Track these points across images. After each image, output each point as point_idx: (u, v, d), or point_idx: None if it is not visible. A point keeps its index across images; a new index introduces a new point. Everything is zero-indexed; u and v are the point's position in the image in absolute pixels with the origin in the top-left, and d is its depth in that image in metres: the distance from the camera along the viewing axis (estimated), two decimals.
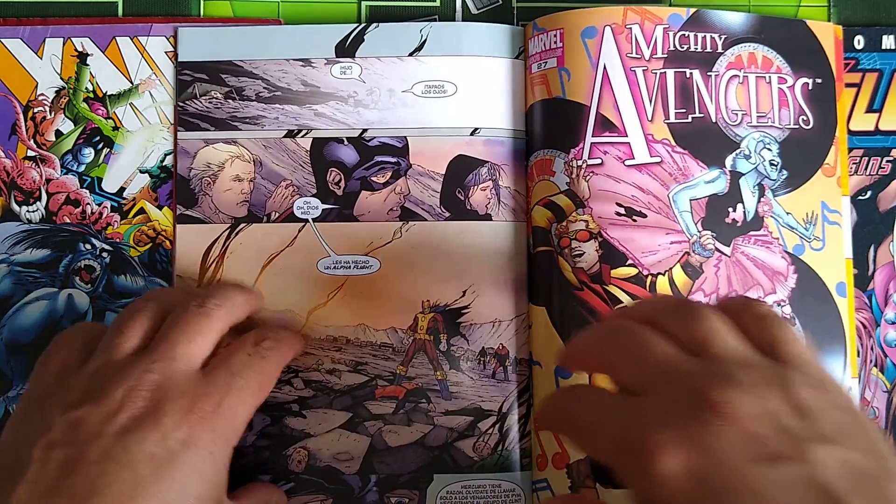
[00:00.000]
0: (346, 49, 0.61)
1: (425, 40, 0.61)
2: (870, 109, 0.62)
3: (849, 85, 0.62)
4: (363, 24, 0.61)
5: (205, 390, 0.45)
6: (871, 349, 0.61)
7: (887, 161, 0.62)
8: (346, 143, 0.60)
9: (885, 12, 0.64)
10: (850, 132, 0.62)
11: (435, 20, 0.63)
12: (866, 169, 0.62)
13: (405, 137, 0.60)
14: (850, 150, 0.62)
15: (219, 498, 0.45)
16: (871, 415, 0.60)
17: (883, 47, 0.63)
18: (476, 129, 0.60)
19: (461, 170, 0.60)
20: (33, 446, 0.42)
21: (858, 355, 0.60)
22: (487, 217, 0.59)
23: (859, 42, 0.63)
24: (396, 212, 0.60)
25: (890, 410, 0.60)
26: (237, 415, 0.46)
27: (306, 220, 0.59)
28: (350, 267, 0.59)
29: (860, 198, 0.62)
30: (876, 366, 0.61)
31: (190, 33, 0.61)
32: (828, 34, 0.61)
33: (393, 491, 0.57)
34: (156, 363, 0.45)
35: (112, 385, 0.44)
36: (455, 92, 0.60)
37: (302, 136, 0.60)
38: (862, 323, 0.61)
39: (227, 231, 0.59)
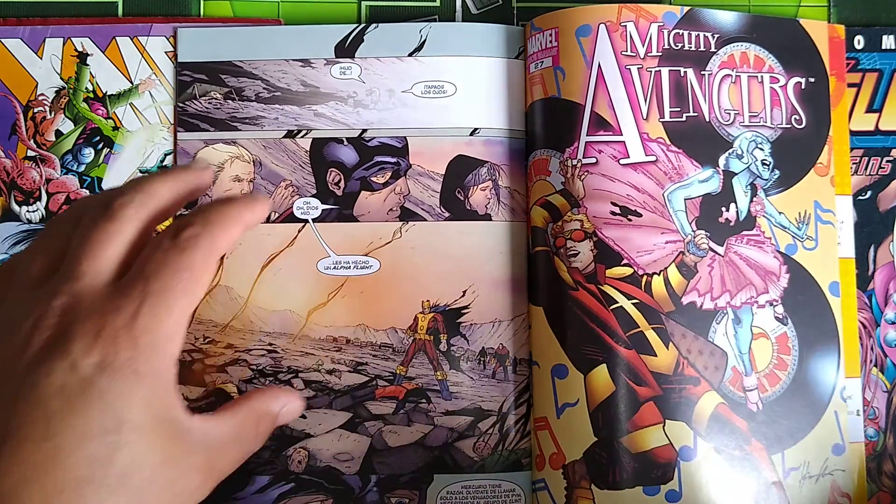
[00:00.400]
0: (346, 49, 0.61)
1: (425, 41, 0.61)
2: (870, 109, 0.62)
3: (849, 85, 0.62)
4: (363, 25, 0.61)
5: (115, 304, 0.39)
6: (871, 349, 0.61)
7: (887, 161, 0.62)
8: (345, 143, 0.60)
9: (885, 12, 0.64)
10: (851, 132, 0.62)
11: (435, 20, 0.63)
12: (866, 169, 0.62)
13: (405, 137, 0.60)
14: (851, 150, 0.62)
15: (165, 416, 0.39)
16: (872, 415, 0.60)
17: (883, 47, 0.63)
18: (476, 129, 0.60)
19: (461, 170, 0.60)
20: None
21: (859, 355, 0.61)
22: (487, 217, 0.59)
23: (859, 42, 0.63)
24: (396, 212, 0.60)
25: (890, 410, 0.60)
26: (161, 323, 0.39)
27: (306, 221, 0.59)
28: (350, 267, 0.59)
29: (860, 198, 0.62)
30: (876, 366, 0.61)
31: (189, 34, 0.61)
32: (822, 33, 0.62)
33: (393, 491, 0.57)
34: (60, 284, 0.40)
35: (19, 315, 0.40)
36: (455, 92, 0.60)
37: (302, 137, 0.60)
38: (862, 323, 0.61)
39: None
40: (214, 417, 0.43)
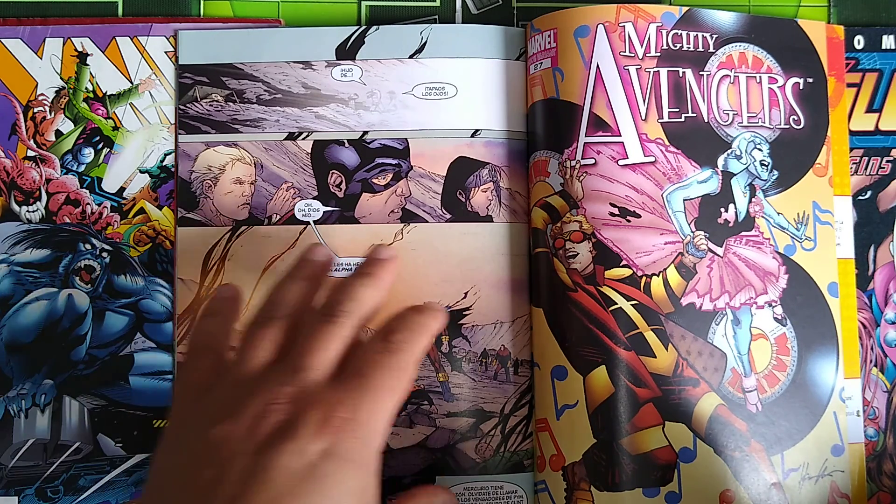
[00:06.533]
0: (347, 51, 0.59)
1: (425, 42, 0.59)
2: (870, 109, 0.61)
3: (849, 85, 0.61)
4: (363, 27, 0.59)
5: (339, 397, 0.42)
6: (871, 349, 0.59)
7: (887, 161, 0.61)
8: (346, 145, 0.58)
9: (885, 12, 0.63)
10: (851, 132, 0.60)
11: (435, 21, 0.61)
12: (866, 169, 0.60)
13: (406, 139, 0.58)
14: (851, 150, 0.60)
15: None
16: (872, 415, 0.58)
17: (883, 47, 0.61)
18: (477, 130, 0.58)
19: (462, 171, 0.58)
20: (179, 469, 0.41)
21: (858, 355, 0.59)
22: (488, 218, 0.58)
23: (859, 42, 0.61)
24: (397, 214, 0.58)
25: (890, 410, 0.59)
26: (376, 417, 0.43)
27: (307, 223, 0.58)
28: (351, 269, 0.57)
29: (860, 198, 0.60)
30: (876, 366, 0.59)
31: (190, 36, 0.59)
32: (820, 33, 0.60)
33: (395, 493, 0.55)
34: (289, 375, 0.43)
35: (248, 399, 0.42)
36: (455, 94, 0.58)
37: (303, 139, 0.58)
38: (862, 323, 0.59)
39: (229, 234, 0.57)
40: None
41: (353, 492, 0.41)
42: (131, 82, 0.59)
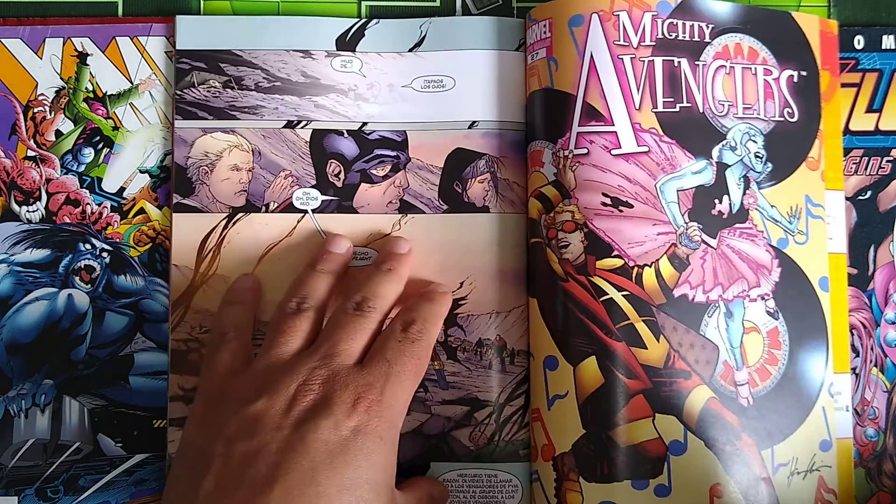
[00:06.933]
0: (347, 43, 0.59)
1: (425, 36, 0.59)
2: (870, 109, 0.60)
3: (849, 85, 0.60)
4: (364, 20, 0.59)
5: (367, 381, 0.48)
6: (871, 349, 0.58)
7: (887, 161, 0.60)
8: (345, 135, 0.58)
9: (885, 12, 0.62)
10: (851, 132, 0.60)
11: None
12: (866, 169, 0.60)
13: (405, 132, 0.59)
14: (851, 150, 0.60)
15: (389, 484, 0.47)
16: (872, 415, 0.58)
17: (883, 47, 0.60)
18: (474, 122, 0.58)
19: (459, 163, 0.58)
20: (215, 442, 0.45)
21: (858, 355, 0.58)
22: (485, 209, 0.58)
23: (859, 42, 0.60)
24: (395, 204, 0.58)
25: (890, 410, 0.58)
26: (399, 400, 0.49)
27: (305, 211, 0.58)
28: (367, 258, 0.58)
29: (860, 198, 0.60)
30: (876, 366, 0.58)
31: (189, 22, 0.59)
32: (813, 27, 0.59)
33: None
34: (322, 360, 0.48)
35: (284, 380, 0.47)
36: (454, 86, 0.58)
37: (301, 127, 0.58)
38: (862, 323, 0.59)
39: (225, 220, 0.58)
40: (403, 493, 0.51)
41: (379, 465, 0.46)
42: (131, 82, 0.59)
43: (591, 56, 0.56)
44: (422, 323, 0.52)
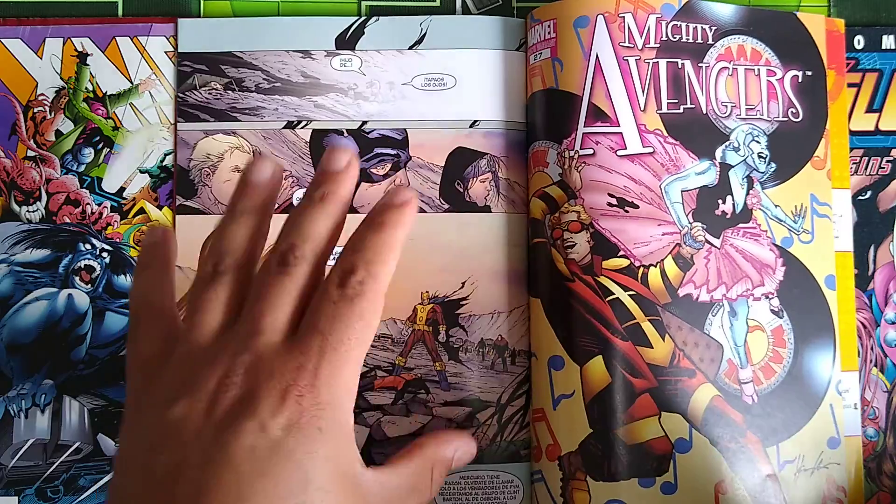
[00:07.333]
0: (347, 41, 0.58)
1: (425, 34, 0.58)
2: (870, 109, 0.60)
3: (849, 85, 0.60)
4: (363, 18, 0.59)
5: (297, 362, 0.38)
6: (871, 349, 0.58)
7: (887, 161, 0.60)
8: (345, 134, 0.58)
9: (885, 12, 0.62)
10: (851, 132, 0.60)
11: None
12: (866, 169, 0.60)
13: (405, 130, 0.58)
14: (851, 150, 0.59)
15: (347, 472, 0.38)
16: (872, 415, 0.58)
17: (883, 47, 0.61)
18: (475, 121, 0.58)
19: (460, 162, 0.58)
20: (141, 452, 0.38)
21: (858, 354, 0.58)
22: (486, 209, 0.57)
23: (859, 42, 0.60)
24: None
25: (890, 410, 0.58)
26: (340, 376, 0.38)
27: None
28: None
29: (860, 198, 0.60)
30: (876, 366, 0.58)
31: (190, 24, 0.59)
32: (819, 26, 0.59)
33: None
34: (243, 341, 0.39)
35: (203, 373, 0.38)
36: (455, 84, 0.58)
37: (301, 128, 0.58)
38: (862, 323, 0.58)
39: None
40: (389, 469, 0.42)
41: (326, 460, 0.37)
42: (131, 82, 0.59)
43: (597, 57, 0.56)
44: (364, 268, 0.40)
